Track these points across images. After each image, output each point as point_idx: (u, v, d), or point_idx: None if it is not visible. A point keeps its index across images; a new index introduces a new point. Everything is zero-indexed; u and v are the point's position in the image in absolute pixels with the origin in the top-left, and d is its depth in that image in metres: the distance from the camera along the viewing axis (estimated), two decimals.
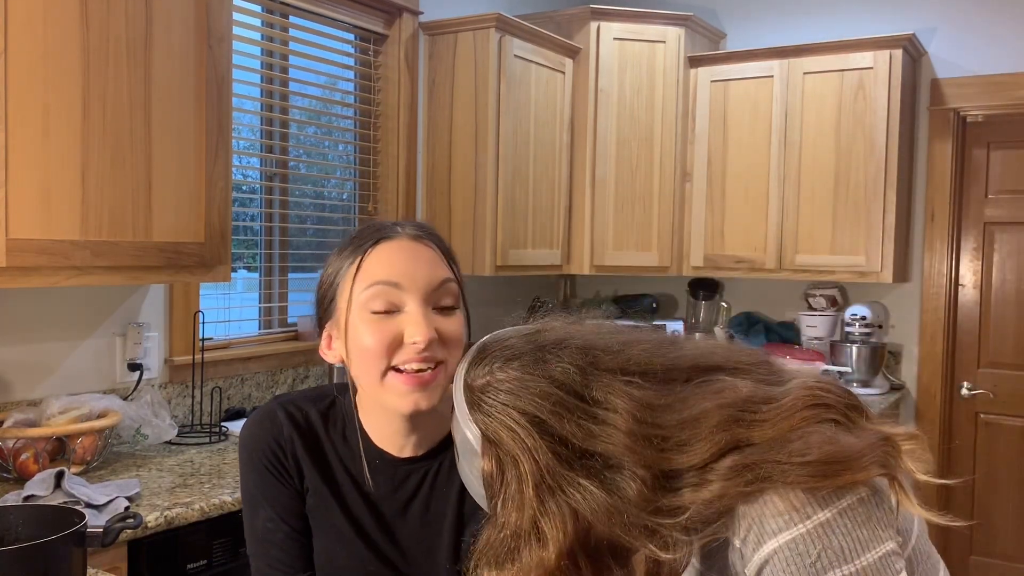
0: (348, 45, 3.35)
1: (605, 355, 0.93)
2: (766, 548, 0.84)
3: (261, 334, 3.08)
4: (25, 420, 2.10)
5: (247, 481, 1.20)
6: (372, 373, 1.09)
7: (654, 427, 0.88)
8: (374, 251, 1.11)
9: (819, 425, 0.88)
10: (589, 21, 3.76)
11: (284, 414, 1.19)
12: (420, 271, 1.10)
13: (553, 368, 0.92)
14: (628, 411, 0.88)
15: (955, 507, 3.83)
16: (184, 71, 2.19)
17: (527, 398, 0.91)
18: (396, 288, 1.09)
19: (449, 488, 1.18)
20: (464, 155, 3.42)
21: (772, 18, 4.07)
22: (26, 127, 1.87)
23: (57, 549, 1.20)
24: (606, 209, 3.79)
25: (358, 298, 1.10)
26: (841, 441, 0.86)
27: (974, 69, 3.68)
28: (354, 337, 1.10)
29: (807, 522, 0.83)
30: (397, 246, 1.12)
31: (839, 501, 0.83)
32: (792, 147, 3.66)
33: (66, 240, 1.95)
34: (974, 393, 3.77)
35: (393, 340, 1.08)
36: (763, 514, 0.85)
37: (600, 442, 0.88)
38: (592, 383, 0.91)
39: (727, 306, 4.11)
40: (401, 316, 1.09)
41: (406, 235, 1.14)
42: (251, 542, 1.20)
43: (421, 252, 1.13)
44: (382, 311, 1.09)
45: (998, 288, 3.75)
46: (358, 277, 1.10)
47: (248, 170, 3.12)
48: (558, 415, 0.89)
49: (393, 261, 1.11)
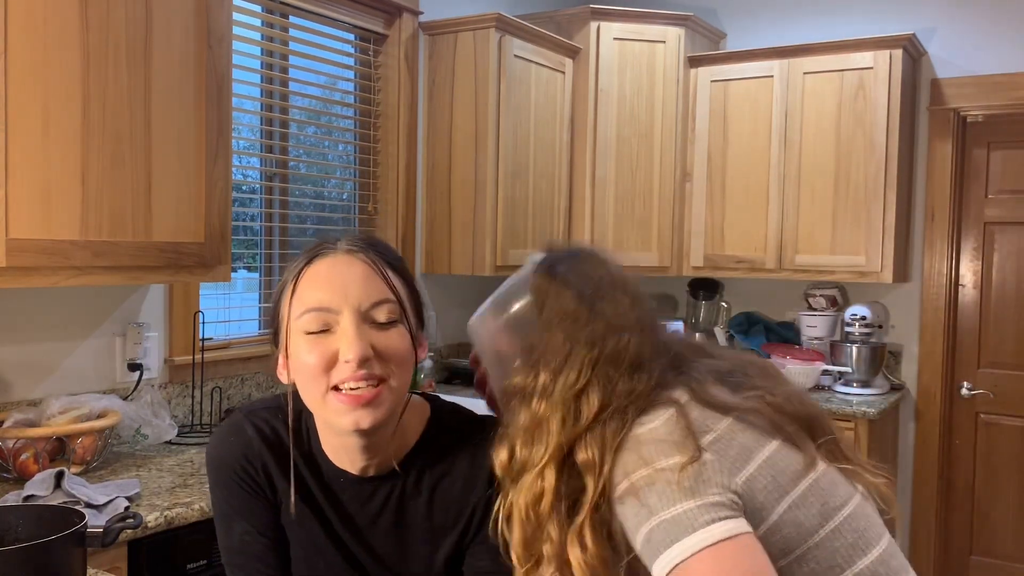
0: (348, 45, 3.35)
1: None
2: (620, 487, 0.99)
3: (261, 334, 3.07)
4: (25, 420, 2.10)
5: (218, 497, 1.18)
6: (314, 393, 1.09)
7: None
8: (307, 272, 1.11)
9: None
10: (589, 21, 3.76)
11: (252, 428, 1.18)
12: (352, 288, 1.08)
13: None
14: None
15: (955, 507, 3.83)
16: (184, 71, 2.19)
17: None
18: (327, 312, 1.08)
19: (417, 502, 1.17)
20: (464, 155, 3.42)
21: (772, 18, 4.07)
22: (26, 127, 1.87)
23: (57, 549, 1.20)
24: (606, 209, 3.79)
25: (295, 323, 1.09)
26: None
27: (974, 69, 3.68)
28: (294, 358, 1.10)
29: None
30: (329, 264, 1.11)
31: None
32: (792, 147, 3.66)
33: (66, 240, 1.95)
34: (974, 393, 3.77)
35: (330, 358, 1.07)
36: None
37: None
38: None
39: (727, 306, 4.11)
40: (336, 334, 1.07)
41: (340, 250, 1.12)
42: (229, 555, 1.19)
43: (355, 268, 1.10)
44: (316, 331, 1.08)
45: (998, 288, 3.75)
46: (293, 302, 1.10)
47: (248, 170, 3.12)
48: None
49: (323, 282, 1.09)
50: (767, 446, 1.02)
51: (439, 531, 1.17)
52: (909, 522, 3.83)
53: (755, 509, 0.98)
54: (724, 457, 0.99)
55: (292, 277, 1.12)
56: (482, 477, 1.17)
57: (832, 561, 1.01)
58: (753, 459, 1.00)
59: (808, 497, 1.01)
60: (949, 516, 3.84)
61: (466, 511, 1.17)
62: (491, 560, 1.17)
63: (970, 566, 3.80)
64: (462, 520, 1.17)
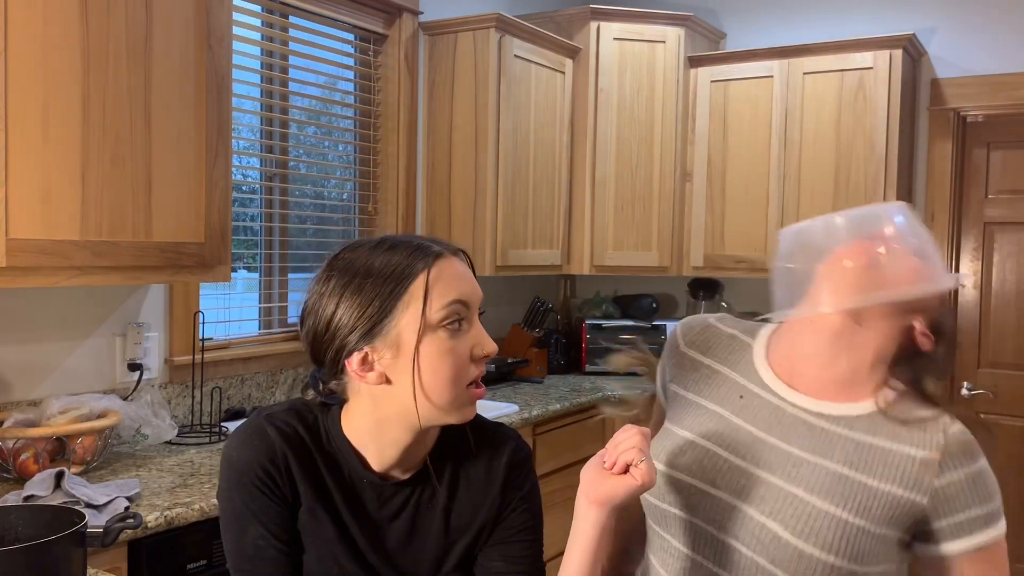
0: (348, 45, 3.35)
1: None
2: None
3: (261, 334, 3.08)
4: (25, 420, 2.10)
5: (234, 500, 1.16)
6: (450, 390, 1.11)
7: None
8: (435, 269, 1.11)
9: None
10: (589, 21, 3.76)
11: (275, 430, 1.16)
12: (475, 288, 1.14)
13: None
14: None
15: None
16: (184, 71, 2.19)
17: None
18: (465, 307, 1.12)
19: (434, 507, 1.18)
20: (464, 155, 3.42)
21: (772, 18, 4.07)
22: (26, 127, 1.87)
23: (57, 549, 1.20)
24: (606, 209, 3.80)
25: (435, 316, 1.09)
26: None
27: (974, 69, 3.68)
28: (429, 357, 1.10)
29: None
30: (452, 264, 1.13)
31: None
32: (792, 147, 3.66)
33: (66, 240, 1.95)
34: (974, 393, 3.77)
35: (467, 358, 1.12)
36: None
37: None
38: None
39: (727, 306, 4.11)
40: (468, 330, 1.13)
41: (449, 252, 1.15)
42: (238, 560, 1.17)
43: (467, 270, 1.16)
44: (456, 325, 1.11)
45: (998, 288, 3.75)
46: (430, 297, 1.09)
47: (248, 170, 3.12)
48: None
49: (456, 279, 1.12)
50: None
51: (454, 534, 1.18)
52: None
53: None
54: None
55: (413, 273, 1.10)
56: (496, 482, 1.19)
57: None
58: None
59: None
60: None
61: (480, 515, 1.19)
62: (503, 561, 1.18)
63: None
64: (476, 524, 1.19)
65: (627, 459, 1.09)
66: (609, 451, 1.11)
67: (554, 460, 3.17)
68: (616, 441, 1.11)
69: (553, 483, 2.95)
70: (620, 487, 1.09)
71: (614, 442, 1.11)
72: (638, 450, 1.09)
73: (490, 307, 3.81)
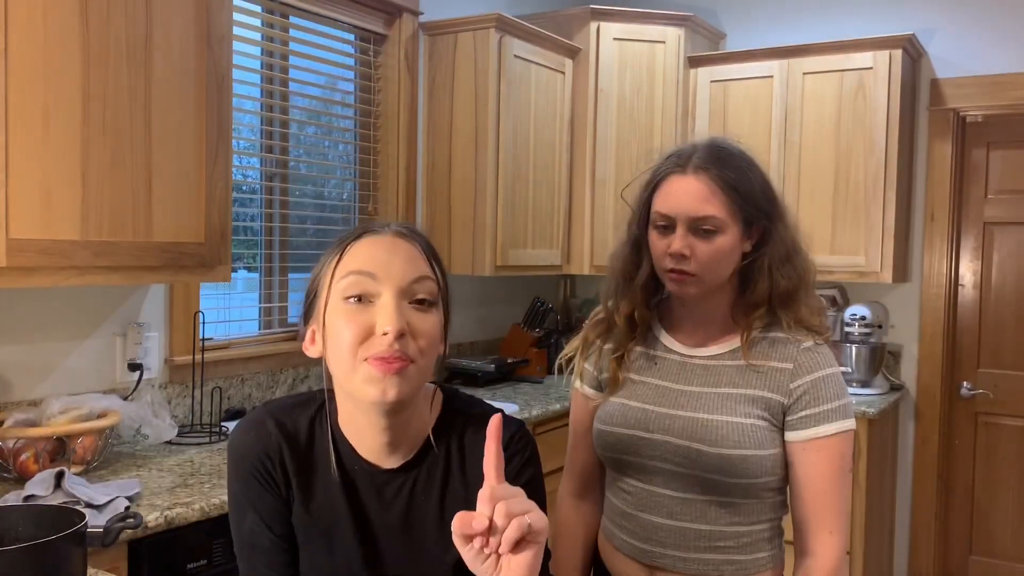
0: (348, 45, 3.35)
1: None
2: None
3: (261, 334, 3.08)
4: (25, 420, 2.10)
5: (234, 487, 1.20)
6: (346, 363, 1.09)
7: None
8: (355, 244, 1.13)
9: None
10: (589, 21, 3.76)
11: (274, 423, 1.19)
12: (396, 264, 1.11)
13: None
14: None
15: (955, 507, 3.83)
16: (184, 71, 2.19)
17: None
18: (371, 278, 1.09)
19: (428, 497, 1.18)
20: (464, 155, 3.42)
21: (772, 18, 4.07)
22: (26, 127, 1.87)
23: (57, 549, 1.20)
24: (606, 209, 3.80)
25: (336, 287, 1.11)
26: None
27: (974, 69, 3.68)
28: (330, 326, 1.11)
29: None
30: (378, 240, 1.14)
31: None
32: (792, 147, 3.66)
33: (66, 240, 1.95)
34: (974, 393, 3.77)
35: (367, 329, 1.08)
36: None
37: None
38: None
39: None
40: (375, 307, 1.09)
41: (390, 231, 1.15)
42: (237, 545, 1.21)
43: (400, 247, 1.13)
44: (355, 297, 1.09)
45: (998, 288, 3.75)
46: (338, 268, 1.12)
47: (248, 170, 3.12)
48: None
49: (372, 253, 1.12)
50: None
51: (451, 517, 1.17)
52: (909, 522, 3.83)
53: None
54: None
55: (338, 247, 1.14)
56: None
57: None
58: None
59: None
60: (949, 516, 3.84)
61: (477, 492, 1.17)
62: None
63: (970, 566, 3.80)
64: (472, 501, 1.17)
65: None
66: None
67: (554, 460, 3.16)
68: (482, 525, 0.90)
69: (553, 483, 2.94)
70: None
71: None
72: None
73: (490, 307, 3.81)
